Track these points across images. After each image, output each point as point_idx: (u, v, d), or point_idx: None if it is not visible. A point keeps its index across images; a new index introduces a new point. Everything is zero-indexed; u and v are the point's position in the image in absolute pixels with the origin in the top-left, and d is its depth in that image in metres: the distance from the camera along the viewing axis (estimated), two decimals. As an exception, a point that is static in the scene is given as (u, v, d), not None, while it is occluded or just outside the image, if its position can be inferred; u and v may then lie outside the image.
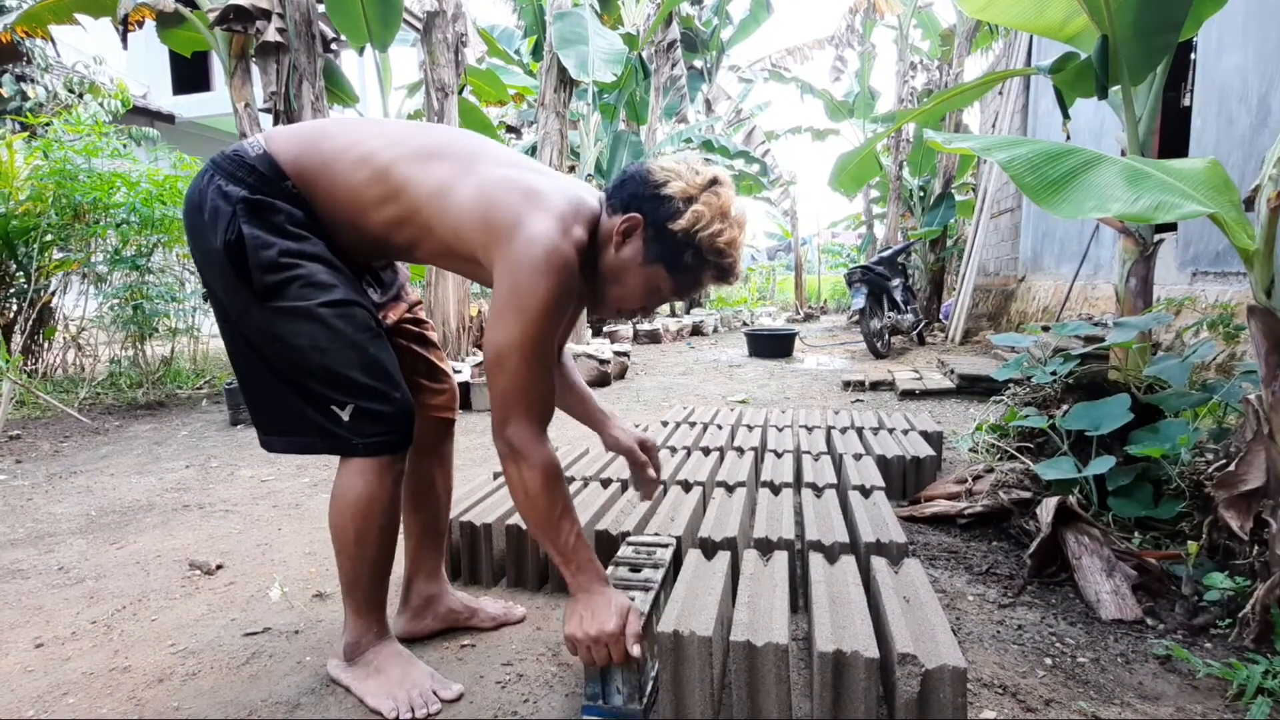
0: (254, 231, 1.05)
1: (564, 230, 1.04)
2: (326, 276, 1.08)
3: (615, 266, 1.13)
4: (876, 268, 6.45)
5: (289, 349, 1.07)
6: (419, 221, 1.09)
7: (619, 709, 1.07)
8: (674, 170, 1.10)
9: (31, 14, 4.56)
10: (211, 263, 1.08)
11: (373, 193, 1.09)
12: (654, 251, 1.10)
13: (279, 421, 1.14)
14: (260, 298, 1.06)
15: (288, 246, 1.06)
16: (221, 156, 1.10)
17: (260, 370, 1.12)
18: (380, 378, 1.10)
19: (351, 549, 1.15)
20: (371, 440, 1.10)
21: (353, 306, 1.10)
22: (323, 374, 1.08)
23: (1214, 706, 1.13)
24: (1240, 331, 1.91)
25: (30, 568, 1.80)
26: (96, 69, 8.20)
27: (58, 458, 2.98)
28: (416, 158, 1.09)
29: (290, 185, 1.09)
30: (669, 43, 8.32)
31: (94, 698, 1.21)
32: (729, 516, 1.57)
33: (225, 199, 1.06)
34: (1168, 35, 2.17)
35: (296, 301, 1.06)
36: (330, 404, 1.09)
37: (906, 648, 0.97)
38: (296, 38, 4.30)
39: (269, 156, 1.09)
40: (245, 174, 1.08)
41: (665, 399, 4.21)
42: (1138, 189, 1.32)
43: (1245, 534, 1.37)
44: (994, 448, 2.34)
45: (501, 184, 1.06)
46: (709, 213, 1.07)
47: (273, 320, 1.07)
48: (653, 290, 1.14)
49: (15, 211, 4.05)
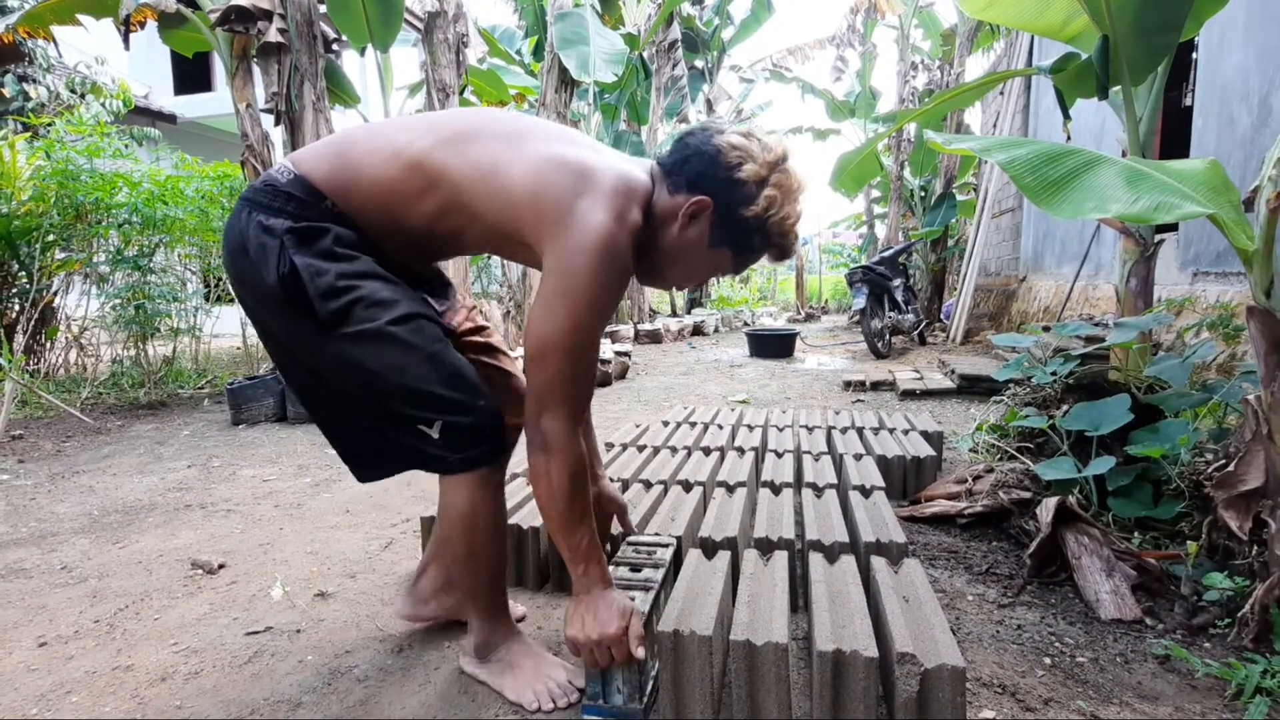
0: (306, 260, 1.01)
1: (619, 215, 1.00)
2: (387, 293, 1.05)
3: (678, 246, 1.09)
4: (877, 268, 6.45)
5: (365, 374, 1.04)
6: (462, 207, 1.05)
7: (619, 708, 1.07)
8: (746, 150, 1.05)
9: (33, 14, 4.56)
10: (267, 302, 1.04)
11: (410, 186, 1.05)
12: (721, 235, 1.07)
13: (369, 453, 1.12)
14: (326, 327, 1.02)
15: (343, 269, 1.03)
16: (253, 191, 1.07)
17: (339, 404, 1.10)
18: (461, 388, 1.07)
19: (466, 563, 1.16)
20: (464, 454, 1.08)
21: (419, 320, 1.07)
22: (403, 394, 1.04)
23: (1213, 706, 1.14)
24: (1240, 332, 1.91)
25: (33, 567, 1.81)
26: (98, 69, 8.22)
27: (60, 457, 2.98)
28: (451, 142, 1.06)
29: (330, 204, 1.06)
30: (670, 43, 8.33)
31: (97, 696, 1.22)
32: (729, 516, 1.57)
33: (269, 233, 1.02)
34: (1168, 35, 2.18)
35: (364, 324, 1.02)
36: (418, 424, 1.06)
37: (906, 647, 0.98)
38: (298, 38, 4.30)
39: (301, 179, 1.06)
40: (283, 203, 1.04)
41: (666, 399, 4.21)
42: (1137, 190, 1.32)
43: (1244, 534, 1.38)
44: (994, 448, 2.34)
45: (552, 162, 1.02)
46: (780, 196, 1.05)
47: (343, 348, 1.03)
48: (713, 269, 1.12)
49: (18, 212, 4.06)
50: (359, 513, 2.19)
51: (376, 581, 1.67)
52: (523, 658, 1.20)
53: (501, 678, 1.19)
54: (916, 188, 9.32)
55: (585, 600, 1.05)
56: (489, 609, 1.21)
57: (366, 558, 1.82)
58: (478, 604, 1.21)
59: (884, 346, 6.20)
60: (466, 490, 1.11)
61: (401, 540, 1.94)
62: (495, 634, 1.22)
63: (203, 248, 4.83)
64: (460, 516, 1.12)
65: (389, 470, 1.14)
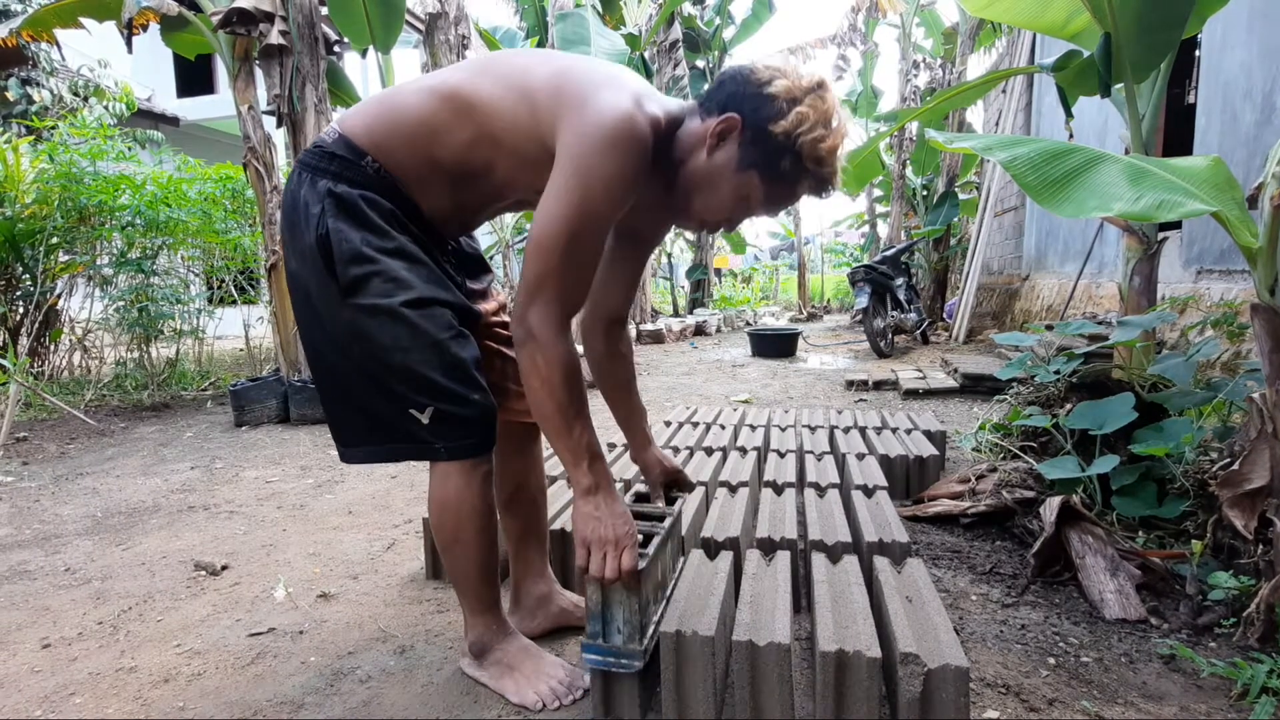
0: (339, 225, 1.05)
1: (639, 104, 0.98)
2: (406, 273, 1.06)
3: (706, 172, 1.04)
4: (880, 267, 6.44)
5: (372, 347, 1.06)
6: (490, 134, 1.04)
7: (618, 648, 1.04)
8: (779, 69, 1.02)
9: (37, 18, 4.58)
10: (306, 260, 1.07)
11: (442, 119, 1.05)
12: (750, 156, 1.01)
13: (361, 430, 1.12)
14: (345, 293, 1.05)
15: (369, 239, 1.05)
16: (305, 154, 1.10)
17: (345, 372, 1.10)
18: (461, 380, 1.08)
19: (453, 550, 1.16)
20: (453, 444, 1.09)
21: (434, 305, 1.08)
22: (403, 374, 1.06)
23: (1218, 706, 1.13)
24: (1244, 330, 1.90)
25: (37, 568, 1.82)
26: (101, 72, 8.24)
27: (64, 459, 2.99)
28: (484, 71, 1.07)
29: (370, 161, 1.07)
30: (671, 43, 8.32)
31: (100, 698, 1.22)
32: (732, 516, 1.57)
33: (316, 194, 1.06)
34: (1171, 32, 2.17)
35: (379, 299, 1.04)
36: (411, 407, 1.07)
37: (909, 647, 0.97)
38: (299, 40, 4.31)
39: (344, 138, 1.08)
40: (327, 163, 1.07)
41: (668, 399, 4.21)
42: (1140, 187, 1.32)
43: (1250, 533, 1.37)
44: (997, 447, 2.34)
45: (578, 67, 1.03)
46: (814, 116, 0.99)
47: (357, 317, 1.06)
48: (742, 200, 1.05)
49: (21, 214, 4.08)
50: (361, 514, 2.19)
51: (379, 583, 1.67)
52: (521, 658, 1.20)
53: (502, 680, 1.18)
54: (919, 186, 9.30)
55: (592, 501, 1.01)
56: (478, 604, 1.20)
57: (369, 559, 1.82)
58: (467, 599, 1.20)
59: (886, 346, 6.19)
60: (452, 479, 1.11)
61: (404, 541, 1.94)
62: (489, 632, 1.21)
63: (205, 249, 4.84)
64: (444, 505, 1.13)
65: (377, 454, 1.13)
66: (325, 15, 4.61)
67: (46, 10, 4.55)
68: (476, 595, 1.20)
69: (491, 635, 1.21)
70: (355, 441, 1.14)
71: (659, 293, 13.72)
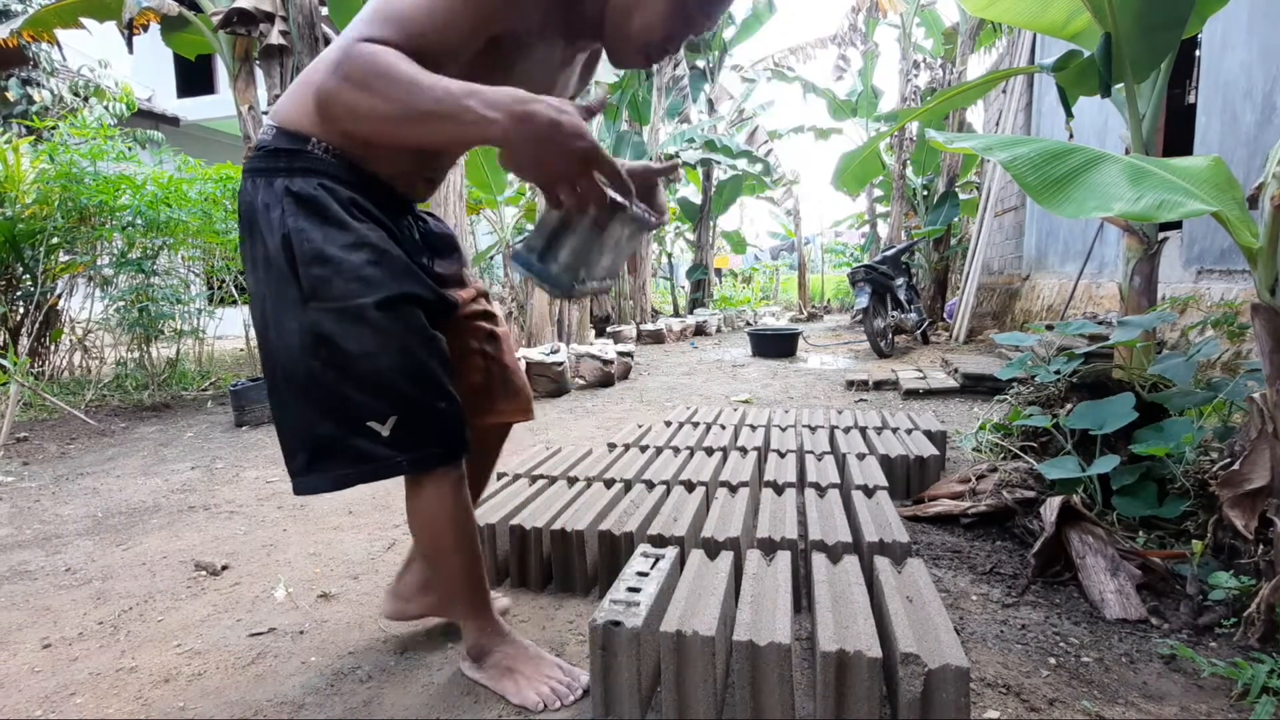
0: (299, 224, 0.99)
1: None
2: (372, 270, 1.00)
3: None
4: (880, 267, 6.44)
5: (335, 352, 1.00)
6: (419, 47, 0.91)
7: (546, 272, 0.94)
8: None
9: (37, 19, 4.59)
10: (270, 267, 1.01)
11: None
12: None
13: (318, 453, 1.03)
14: (306, 297, 0.99)
15: (332, 236, 1.00)
16: (250, 160, 1.05)
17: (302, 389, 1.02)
18: (425, 387, 1.03)
19: (436, 562, 1.15)
20: (414, 455, 1.04)
21: (403, 305, 1.02)
22: (365, 381, 1.00)
23: (1219, 706, 1.13)
24: (1245, 330, 1.90)
25: (38, 569, 1.82)
26: (102, 72, 8.24)
27: (64, 459, 2.99)
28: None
29: (315, 142, 1.01)
30: (671, 43, 8.31)
31: (101, 698, 1.22)
32: (732, 516, 1.57)
33: (273, 195, 1.01)
34: (1171, 32, 2.17)
35: (342, 301, 0.99)
36: (369, 419, 1.01)
37: (909, 647, 0.97)
38: (300, 40, 4.31)
39: (281, 130, 1.03)
40: (274, 160, 1.01)
41: (669, 399, 4.21)
42: (1140, 187, 1.32)
43: (1250, 533, 1.37)
44: (998, 447, 2.34)
45: None
46: None
47: (319, 320, 0.99)
48: (678, 6, 0.99)
49: (22, 214, 4.08)
50: (361, 514, 2.19)
51: (379, 582, 1.67)
52: (519, 660, 1.19)
53: (501, 681, 1.18)
54: (919, 186, 9.30)
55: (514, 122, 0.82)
56: (471, 609, 1.19)
57: (369, 559, 1.82)
58: (460, 606, 1.19)
59: (887, 346, 6.19)
60: (425, 491, 1.08)
61: (404, 541, 1.94)
62: (484, 635, 1.20)
63: (206, 250, 4.84)
64: (420, 517, 1.10)
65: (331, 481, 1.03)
66: (325, 15, 4.61)
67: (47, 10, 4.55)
68: (468, 601, 1.19)
69: (488, 638, 1.21)
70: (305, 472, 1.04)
71: (659, 293, 13.72)
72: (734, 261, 17.50)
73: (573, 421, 3.61)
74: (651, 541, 1.49)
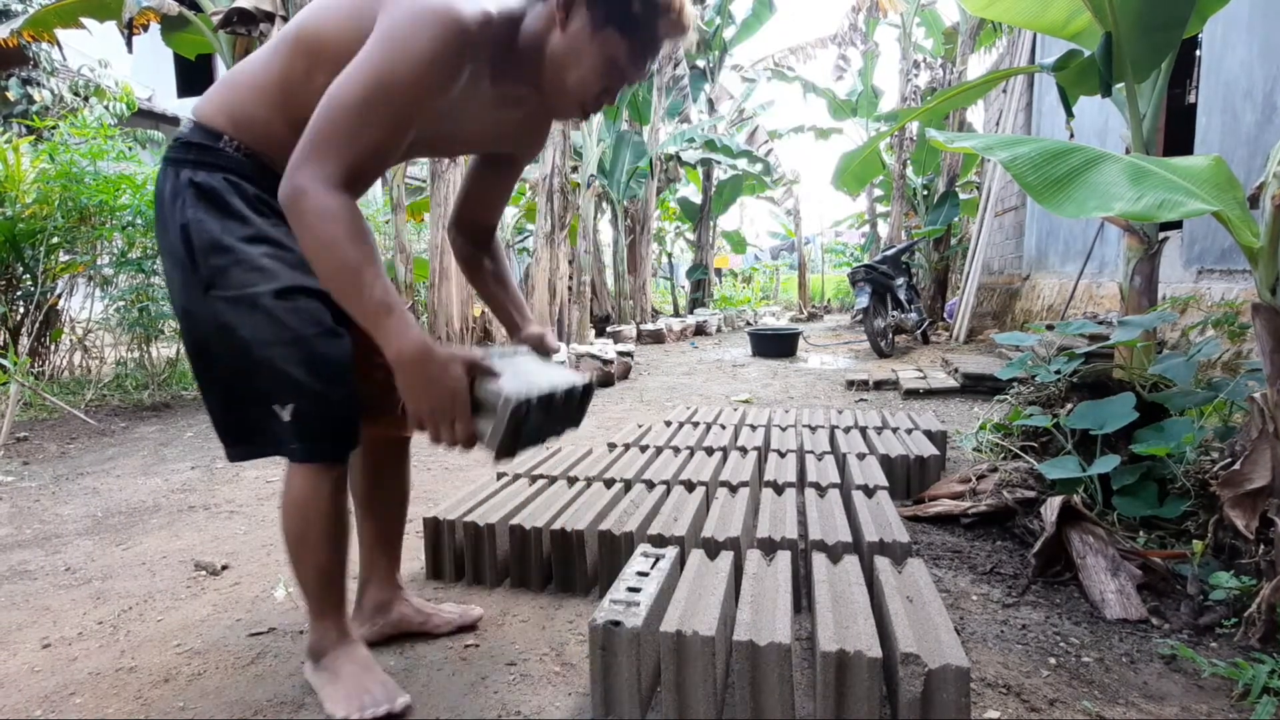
0: (198, 215, 1.02)
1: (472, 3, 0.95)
2: (270, 262, 1.03)
3: (566, 47, 1.03)
4: (880, 267, 6.44)
5: (236, 341, 1.02)
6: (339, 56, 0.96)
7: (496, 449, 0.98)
8: None
9: (38, 19, 4.59)
10: (173, 257, 1.05)
11: (295, 68, 1.02)
12: (601, 12, 1.01)
13: (237, 429, 1.09)
14: (205, 285, 1.02)
15: (231, 228, 1.03)
16: (169, 149, 1.08)
17: (216, 369, 1.07)
18: (322, 377, 1.04)
19: (295, 552, 1.13)
20: (309, 444, 1.06)
21: (301, 296, 1.04)
22: (265, 369, 1.03)
23: (1219, 706, 1.13)
24: (1245, 329, 1.90)
25: (38, 568, 1.82)
26: (102, 72, 8.24)
27: (64, 459, 2.99)
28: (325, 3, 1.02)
29: (228, 140, 1.05)
30: (671, 42, 8.30)
31: (101, 698, 1.22)
32: (732, 516, 1.57)
33: (178, 186, 1.04)
34: (1171, 32, 2.17)
35: (239, 289, 1.01)
36: (272, 403, 1.04)
37: (909, 647, 0.97)
38: (300, 40, 4.32)
39: (198, 125, 1.06)
40: (185, 152, 1.05)
41: (669, 399, 4.21)
42: (1140, 187, 1.32)
43: (1251, 533, 1.37)
44: (998, 447, 2.34)
45: None
46: None
47: (219, 310, 1.03)
48: (610, 61, 1.03)
49: (22, 214, 4.08)
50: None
51: (379, 582, 1.67)
52: (348, 667, 1.15)
53: (324, 686, 1.15)
54: (919, 186, 9.30)
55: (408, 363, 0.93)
56: (317, 608, 1.16)
57: (369, 559, 1.82)
58: (308, 602, 1.16)
59: (887, 345, 6.19)
60: (303, 481, 1.08)
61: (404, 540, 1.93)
62: (326, 638, 1.17)
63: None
64: (292, 506, 1.09)
65: (256, 451, 1.09)
66: (325, 15, 4.61)
67: (47, 10, 4.56)
68: (317, 599, 1.16)
69: (328, 640, 1.17)
70: (236, 440, 1.10)
71: (659, 293, 13.73)
72: (734, 261, 17.50)
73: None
74: (651, 541, 1.49)
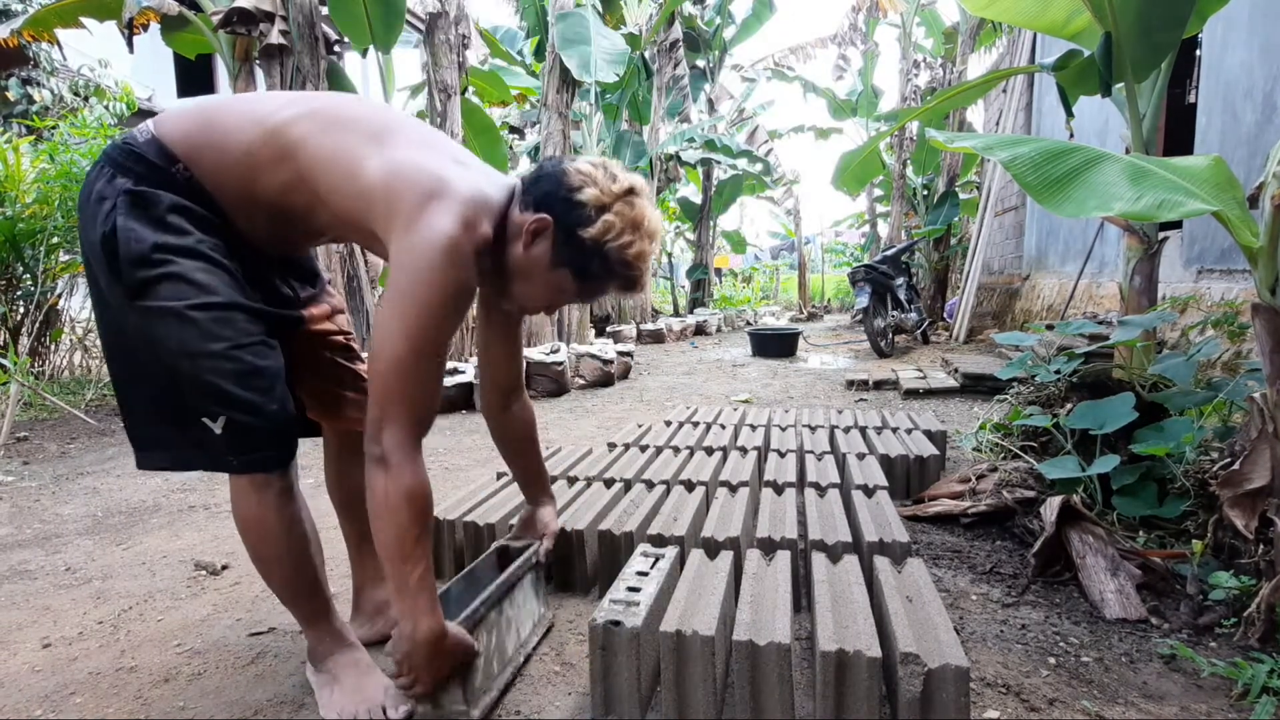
0: (129, 224, 0.99)
1: (466, 225, 1.00)
2: (203, 276, 1.01)
3: (522, 264, 1.10)
4: (880, 266, 6.44)
5: (161, 352, 1.01)
6: (312, 186, 1.03)
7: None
8: (590, 175, 1.08)
9: (38, 18, 4.59)
10: (92, 258, 1.02)
11: (265, 154, 1.03)
12: (562, 255, 1.08)
13: (153, 435, 1.07)
14: (131, 295, 0.99)
15: (164, 241, 1.00)
16: (113, 147, 1.05)
17: (137, 377, 1.06)
18: (254, 388, 1.02)
19: (259, 568, 1.11)
20: (245, 457, 1.04)
21: (231, 310, 1.02)
22: (193, 382, 1.00)
23: (1219, 706, 1.13)
24: (1245, 329, 1.90)
25: (38, 568, 1.82)
26: (102, 72, 8.24)
27: (64, 459, 2.99)
28: (312, 119, 1.05)
29: (181, 169, 1.03)
30: (671, 42, 8.32)
31: (101, 697, 1.22)
32: (732, 516, 1.57)
33: (110, 191, 1.01)
34: (1171, 32, 2.17)
35: (167, 301, 0.99)
36: (202, 415, 1.02)
37: (909, 647, 0.97)
38: (300, 40, 4.32)
39: (156, 141, 1.03)
40: (133, 163, 1.02)
41: (668, 398, 4.21)
42: (1140, 187, 1.32)
43: (1250, 533, 1.37)
44: (998, 447, 2.34)
45: (409, 164, 1.01)
46: (620, 224, 1.06)
47: (143, 321, 1.00)
48: (557, 292, 1.12)
49: (22, 214, 4.08)
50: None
51: (379, 582, 1.67)
52: (346, 671, 1.15)
53: (322, 690, 1.15)
54: (919, 186, 9.29)
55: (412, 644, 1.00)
56: (301, 615, 1.15)
57: (369, 558, 1.82)
58: (290, 609, 1.16)
59: (887, 345, 6.19)
60: (251, 494, 1.06)
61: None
62: (320, 642, 1.16)
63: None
64: (244, 523, 1.08)
65: (171, 461, 1.08)
66: (325, 15, 4.61)
67: (48, 10, 4.55)
68: (295, 608, 1.15)
69: (324, 645, 1.16)
70: (149, 447, 1.08)
71: (659, 293, 13.72)
72: (734, 261, 17.50)
73: (572, 421, 3.61)
74: (651, 541, 1.49)
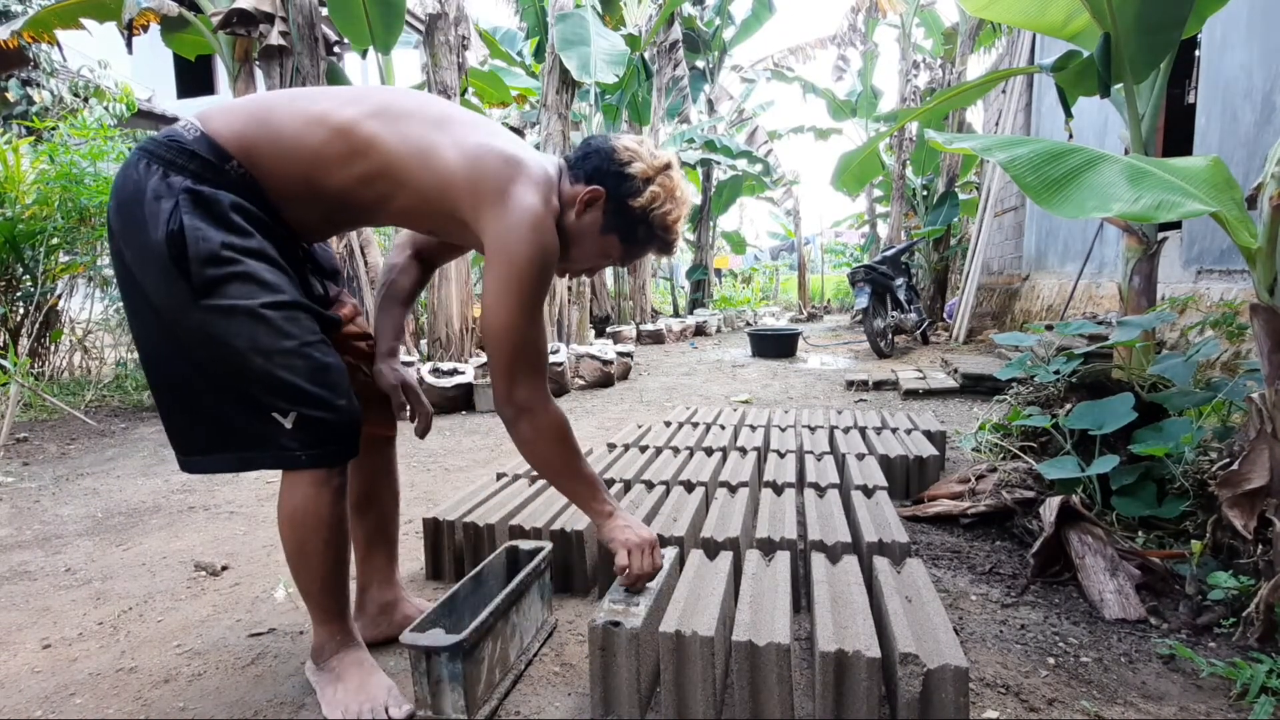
0: (196, 223, 1.00)
1: (546, 200, 1.12)
2: (271, 276, 1.04)
3: (574, 231, 1.20)
4: (880, 267, 6.44)
5: (228, 351, 1.01)
6: (394, 176, 1.08)
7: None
8: (636, 151, 1.19)
9: (38, 20, 4.59)
10: (148, 258, 1.01)
11: (334, 150, 1.06)
12: (612, 223, 1.19)
13: (203, 438, 1.08)
14: (198, 294, 1.00)
15: (231, 240, 1.02)
16: (155, 143, 1.04)
17: (191, 378, 1.05)
18: (326, 385, 1.06)
19: (296, 561, 1.13)
20: (314, 451, 1.07)
21: (298, 310, 1.06)
22: (265, 379, 1.02)
23: (1218, 706, 1.13)
24: (1244, 330, 1.90)
25: (38, 569, 1.82)
26: (101, 73, 8.23)
27: (64, 460, 2.99)
28: (377, 115, 1.09)
29: (235, 165, 1.05)
30: (671, 43, 8.33)
31: (101, 698, 1.22)
32: (732, 517, 1.57)
33: (168, 189, 1.01)
34: (1170, 32, 2.17)
35: (238, 300, 1.01)
36: (272, 411, 1.03)
37: (908, 647, 0.97)
38: (299, 41, 4.32)
39: (207, 138, 1.04)
40: (186, 160, 1.02)
41: (668, 399, 4.21)
42: (1139, 188, 1.32)
43: (1249, 533, 1.37)
44: (997, 447, 2.34)
45: (483, 148, 1.11)
46: (663, 193, 1.18)
47: (211, 320, 1.01)
48: (603, 255, 1.24)
49: (22, 215, 4.08)
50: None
51: (379, 583, 1.67)
52: (351, 671, 1.15)
53: (325, 688, 1.15)
54: (919, 187, 9.30)
55: (616, 519, 1.21)
56: (322, 613, 1.17)
57: (369, 559, 1.82)
58: (311, 606, 1.17)
59: (887, 346, 6.20)
60: (306, 487, 1.09)
61: (404, 542, 1.93)
62: (330, 641, 1.17)
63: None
64: (293, 515, 1.10)
65: (220, 464, 1.09)
66: (325, 16, 4.61)
67: (47, 11, 4.56)
68: (320, 605, 1.16)
69: (333, 644, 1.17)
70: (200, 450, 1.09)
71: (659, 293, 13.72)
72: (734, 262, 17.50)
73: (572, 422, 3.60)
74: (651, 542, 1.49)
